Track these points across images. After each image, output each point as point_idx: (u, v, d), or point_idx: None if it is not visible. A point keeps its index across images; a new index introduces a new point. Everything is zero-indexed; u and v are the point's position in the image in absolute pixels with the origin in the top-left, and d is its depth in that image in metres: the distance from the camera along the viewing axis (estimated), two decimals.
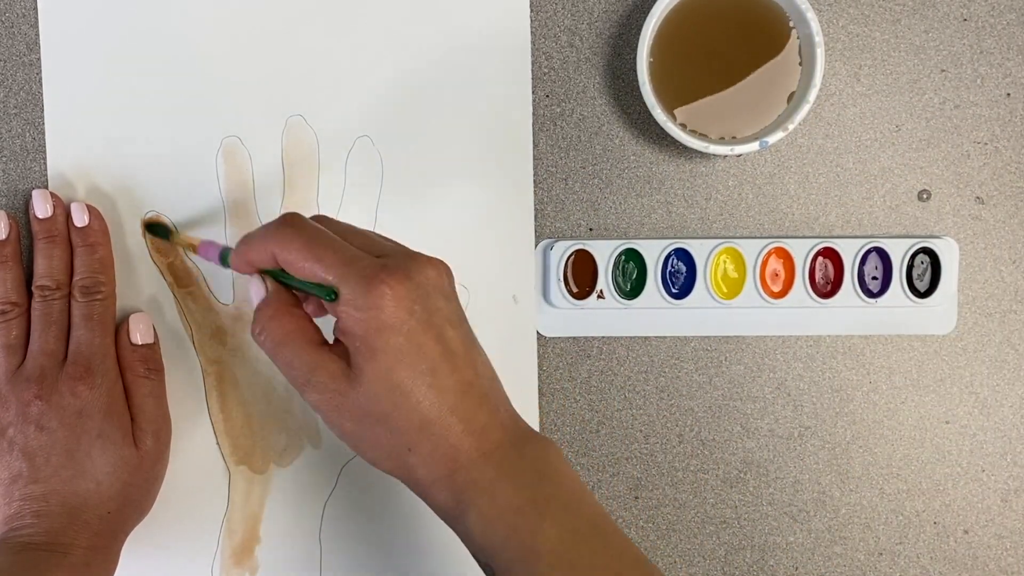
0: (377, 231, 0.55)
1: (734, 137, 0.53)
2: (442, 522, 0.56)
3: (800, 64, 0.53)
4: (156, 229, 0.55)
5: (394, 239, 0.46)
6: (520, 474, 0.42)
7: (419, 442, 0.42)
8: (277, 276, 0.44)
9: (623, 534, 0.43)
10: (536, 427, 0.56)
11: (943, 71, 0.55)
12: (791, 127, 0.52)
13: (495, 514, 0.41)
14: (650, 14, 0.52)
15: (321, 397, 0.42)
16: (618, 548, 0.42)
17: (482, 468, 0.42)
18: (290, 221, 0.43)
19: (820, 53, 0.51)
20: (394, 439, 0.42)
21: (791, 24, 0.53)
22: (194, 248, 0.51)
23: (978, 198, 0.56)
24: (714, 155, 0.54)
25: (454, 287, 0.44)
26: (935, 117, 0.55)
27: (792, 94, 0.53)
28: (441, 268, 0.43)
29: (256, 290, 0.45)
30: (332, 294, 0.41)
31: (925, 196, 0.56)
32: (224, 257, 0.49)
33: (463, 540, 0.43)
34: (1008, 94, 0.55)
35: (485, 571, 0.43)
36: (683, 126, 0.53)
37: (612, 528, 0.43)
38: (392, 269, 0.41)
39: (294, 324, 0.43)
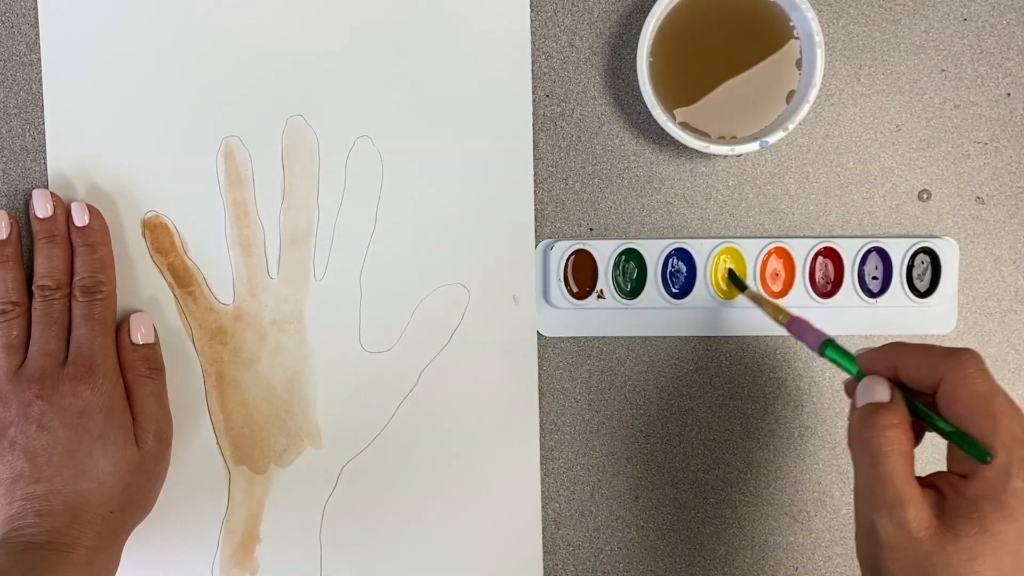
0: (377, 231, 0.55)
1: (734, 137, 0.53)
2: (440, 522, 0.56)
3: (800, 64, 0.53)
4: (735, 281, 0.54)
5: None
6: None
7: None
8: (910, 400, 0.42)
9: None
10: (536, 427, 0.56)
11: (943, 71, 0.55)
12: (791, 127, 0.52)
13: None
14: (650, 14, 0.52)
15: (893, 531, 0.40)
16: None
17: None
18: (978, 360, 0.41)
19: (820, 53, 0.51)
20: None
21: (791, 24, 0.53)
22: (783, 320, 0.49)
23: (978, 198, 0.56)
24: (714, 155, 0.54)
25: None
26: (935, 117, 0.55)
27: (792, 94, 0.53)
28: None
29: (879, 392, 0.42)
30: (987, 456, 0.39)
31: (925, 196, 0.56)
32: (829, 348, 0.46)
33: None
34: (1008, 94, 0.55)
35: None
36: (683, 126, 0.53)
37: None
38: None
39: (907, 444, 0.41)
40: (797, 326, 0.49)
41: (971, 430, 0.40)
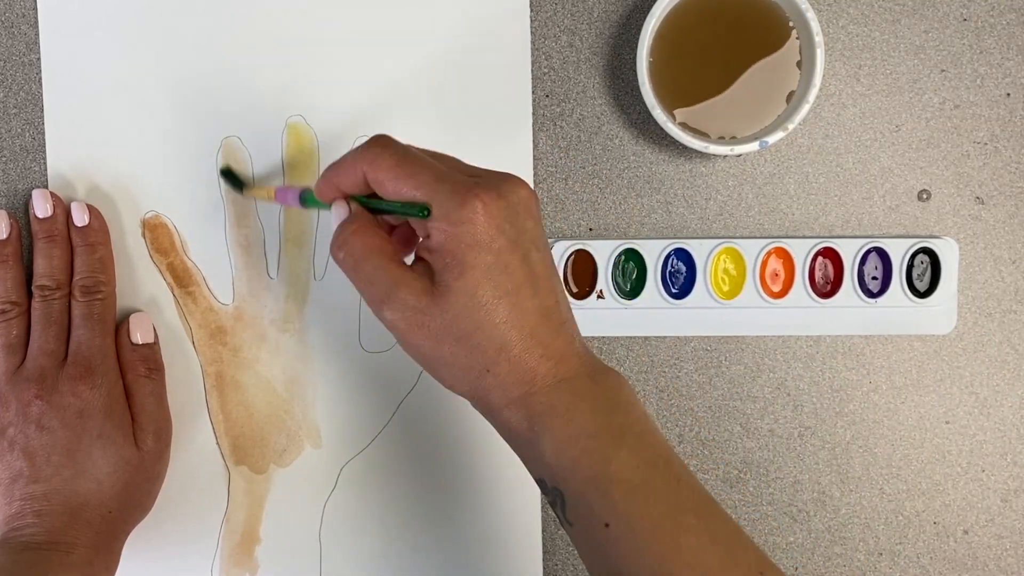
0: None
1: (734, 137, 0.53)
2: (440, 522, 0.56)
3: (800, 64, 0.53)
4: (231, 178, 0.55)
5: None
6: (595, 401, 0.42)
7: (497, 362, 0.41)
8: (363, 202, 0.44)
9: (691, 472, 0.43)
10: None
11: (943, 71, 0.55)
12: (791, 127, 0.52)
13: (570, 438, 0.41)
14: (650, 14, 0.52)
15: (401, 315, 0.42)
16: (688, 484, 0.42)
17: (559, 393, 0.41)
18: (381, 142, 0.43)
19: (820, 53, 0.51)
20: (473, 359, 0.42)
21: (791, 24, 0.53)
22: (271, 197, 0.52)
23: (978, 198, 0.56)
24: (714, 155, 0.54)
25: (539, 211, 0.44)
26: (935, 117, 0.55)
27: (792, 94, 0.53)
28: (530, 190, 0.43)
29: (339, 213, 0.44)
30: (425, 211, 0.41)
31: (925, 196, 0.56)
32: (305, 198, 0.48)
33: (529, 464, 0.43)
34: (1008, 94, 0.55)
35: (551, 495, 0.42)
36: (683, 126, 0.53)
37: (682, 465, 0.42)
38: (485, 186, 0.41)
39: (376, 240, 0.43)
40: (281, 194, 0.51)
41: (406, 196, 0.42)
